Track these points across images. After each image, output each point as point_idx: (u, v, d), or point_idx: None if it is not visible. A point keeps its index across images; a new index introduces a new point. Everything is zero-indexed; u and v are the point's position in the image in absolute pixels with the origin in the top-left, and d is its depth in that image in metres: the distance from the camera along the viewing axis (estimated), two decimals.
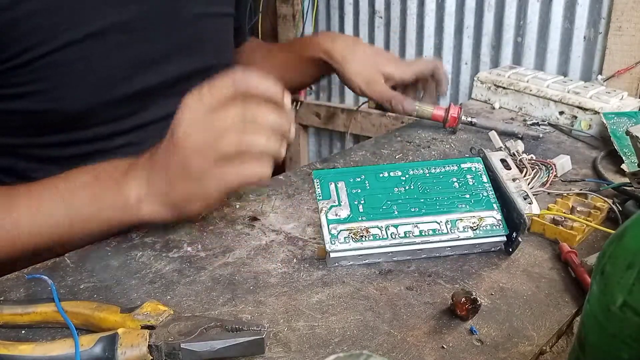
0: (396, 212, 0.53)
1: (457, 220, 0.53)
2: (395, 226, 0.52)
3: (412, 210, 0.53)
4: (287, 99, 0.51)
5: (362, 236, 0.51)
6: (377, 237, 0.51)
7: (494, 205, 0.54)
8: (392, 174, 0.56)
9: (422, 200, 0.54)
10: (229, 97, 0.49)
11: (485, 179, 0.56)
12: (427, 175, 0.56)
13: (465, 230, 0.52)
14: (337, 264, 0.52)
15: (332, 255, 0.51)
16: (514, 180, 0.62)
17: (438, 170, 0.56)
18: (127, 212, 0.53)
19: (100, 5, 0.61)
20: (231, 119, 0.49)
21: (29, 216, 0.52)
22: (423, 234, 0.52)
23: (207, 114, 0.49)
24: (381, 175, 0.56)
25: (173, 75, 0.69)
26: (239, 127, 0.49)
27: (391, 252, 0.52)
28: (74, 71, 0.60)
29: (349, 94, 2.17)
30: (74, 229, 0.53)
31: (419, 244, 0.52)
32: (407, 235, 0.52)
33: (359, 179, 0.55)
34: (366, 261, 0.52)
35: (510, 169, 0.64)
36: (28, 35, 0.57)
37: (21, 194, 0.54)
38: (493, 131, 0.75)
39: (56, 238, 0.54)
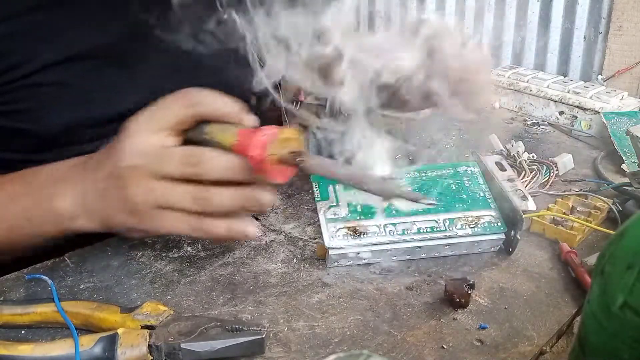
0: (394, 212, 0.53)
1: (455, 218, 0.53)
2: (394, 224, 0.52)
3: (410, 209, 0.53)
4: (249, 121, 0.46)
5: (360, 233, 0.51)
6: (376, 234, 0.51)
7: (491, 205, 0.54)
8: None
9: None
10: (180, 120, 0.46)
11: (481, 180, 0.57)
12: (424, 179, 0.56)
13: (464, 227, 0.52)
14: (336, 263, 0.52)
15: (331, 252, 0.51)
16: (509, 180, 0.62)
17: (434, 174, 0.57)
18: (59, 226, 0.50)
19: (80, 29, 0.59)
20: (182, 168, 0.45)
21: None
22: (421, 231, 0.52)
23: (157, 144, 0.45)
24: None
25: (162, 96, 0.68)
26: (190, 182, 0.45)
27: (390, 250, 0.52)
28: (50, 93, 0.58)
29: None
30: (10, 240, 0.52)
31: (417, 241, 0.52)
32: (405, 232, 0.52)
33: None
34: (365, 261, 0.52)
35: (505, 170, 0.64)
36: (6, 56, 0.56)
37: None
38: (493, 134, 0.76)
39: None
